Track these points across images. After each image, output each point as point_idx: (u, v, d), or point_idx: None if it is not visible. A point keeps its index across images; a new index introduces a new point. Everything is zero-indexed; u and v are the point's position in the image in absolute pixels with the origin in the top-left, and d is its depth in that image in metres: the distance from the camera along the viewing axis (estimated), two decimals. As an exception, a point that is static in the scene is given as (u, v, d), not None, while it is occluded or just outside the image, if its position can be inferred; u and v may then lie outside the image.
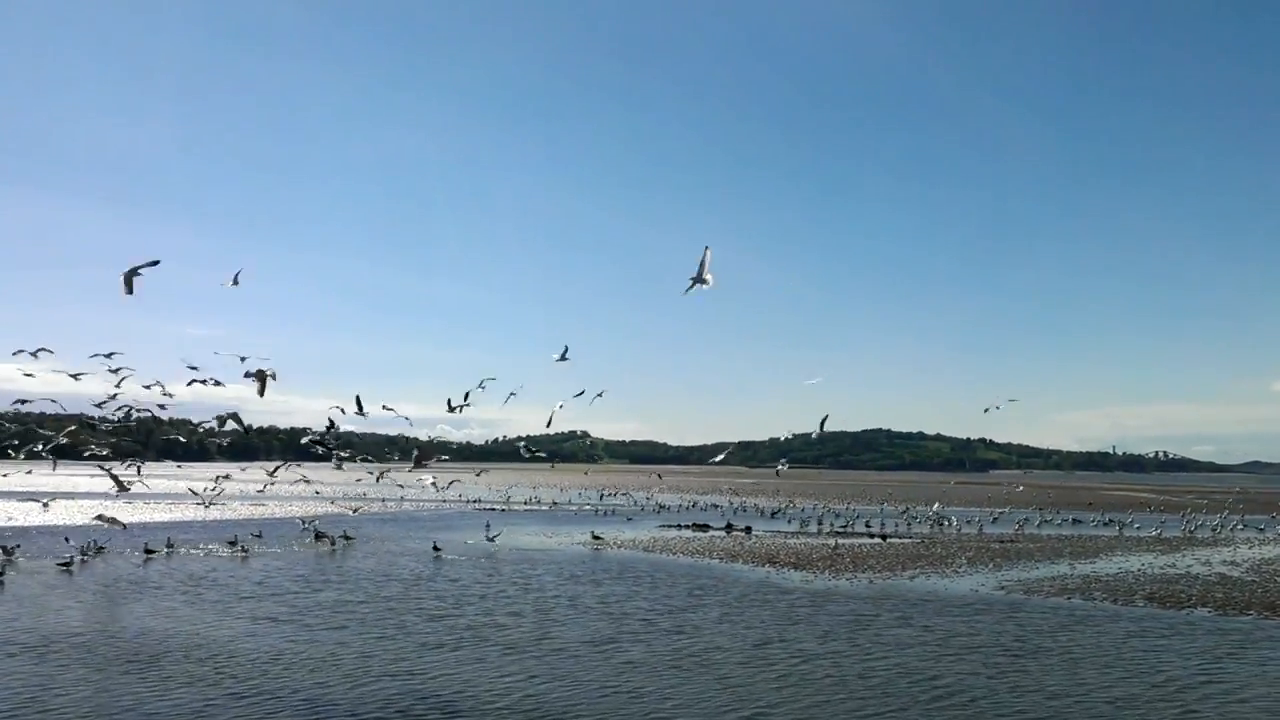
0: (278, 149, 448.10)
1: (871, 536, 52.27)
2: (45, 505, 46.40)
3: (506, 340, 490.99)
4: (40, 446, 36.42)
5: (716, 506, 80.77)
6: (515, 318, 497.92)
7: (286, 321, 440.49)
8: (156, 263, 19.82)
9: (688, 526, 58.09)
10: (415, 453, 34.42)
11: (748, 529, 55.69)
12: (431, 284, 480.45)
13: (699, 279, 18.91)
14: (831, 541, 48.00)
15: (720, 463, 79.91)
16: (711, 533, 53.76)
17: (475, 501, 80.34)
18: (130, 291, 19.47)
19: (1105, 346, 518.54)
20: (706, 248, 18.76)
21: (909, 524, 61.73)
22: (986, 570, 36.69)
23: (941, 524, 60.63)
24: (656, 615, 25.12)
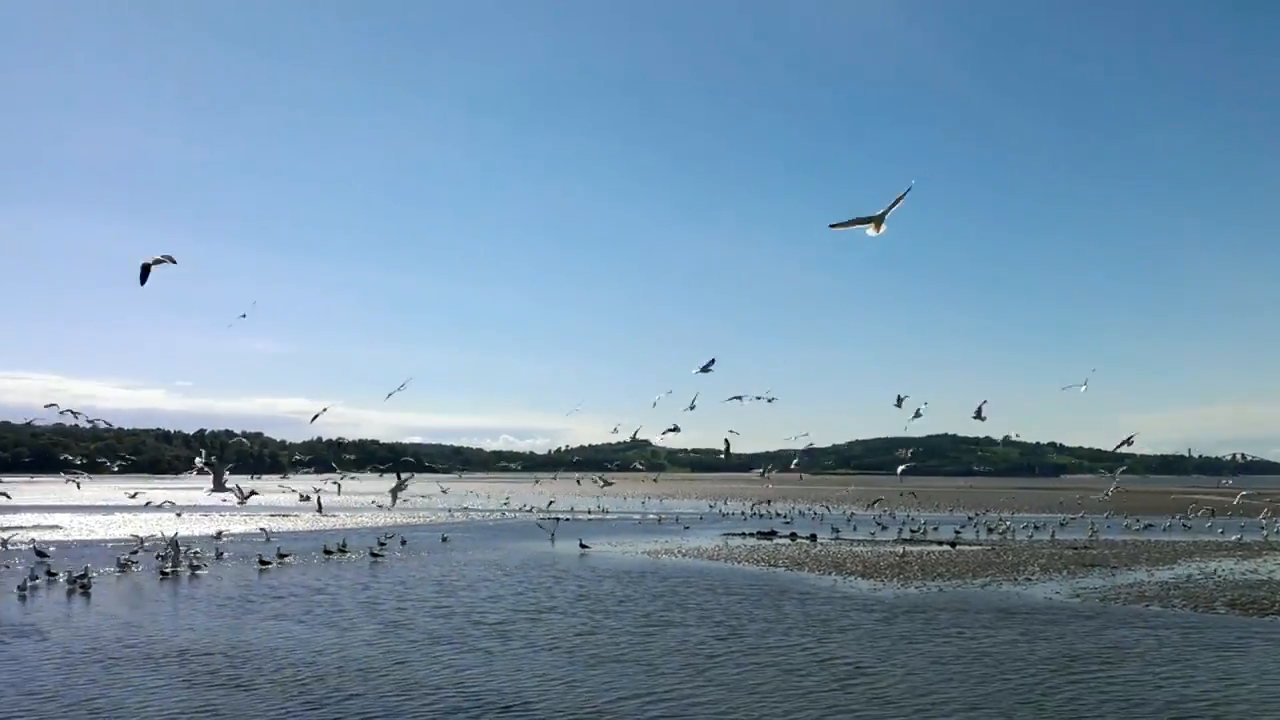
0: (321, 163, 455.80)
1: (940, 544, 51.80)
2: (179, 514, 48.19)
3: (568, 351, 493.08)
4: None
5: (779, 514, 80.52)
6: (574, 328, 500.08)
7: (351, 335, 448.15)
8: (173, 260, 20.49)
9: (752, 534, 58.12)
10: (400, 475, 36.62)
11: (813, 536, 55.57)
12: (489, 295, 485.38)
13: (879, 218, 15.05)
14: (899, 549, 47.70)
15: (783, 470, 79.47)
16: (776, 540, 53.75)
17: (536, 510, 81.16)
18: (143, 283, 20.14)
19: (1178, 347, 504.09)
20: (910, 186, 14.60)
21: (978, 531, 61.00)
22: (1060, 578, 36.22)
23: (1002, 531, 59.71)
24: (719, 625, 25.31)
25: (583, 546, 47.21)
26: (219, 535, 49.56)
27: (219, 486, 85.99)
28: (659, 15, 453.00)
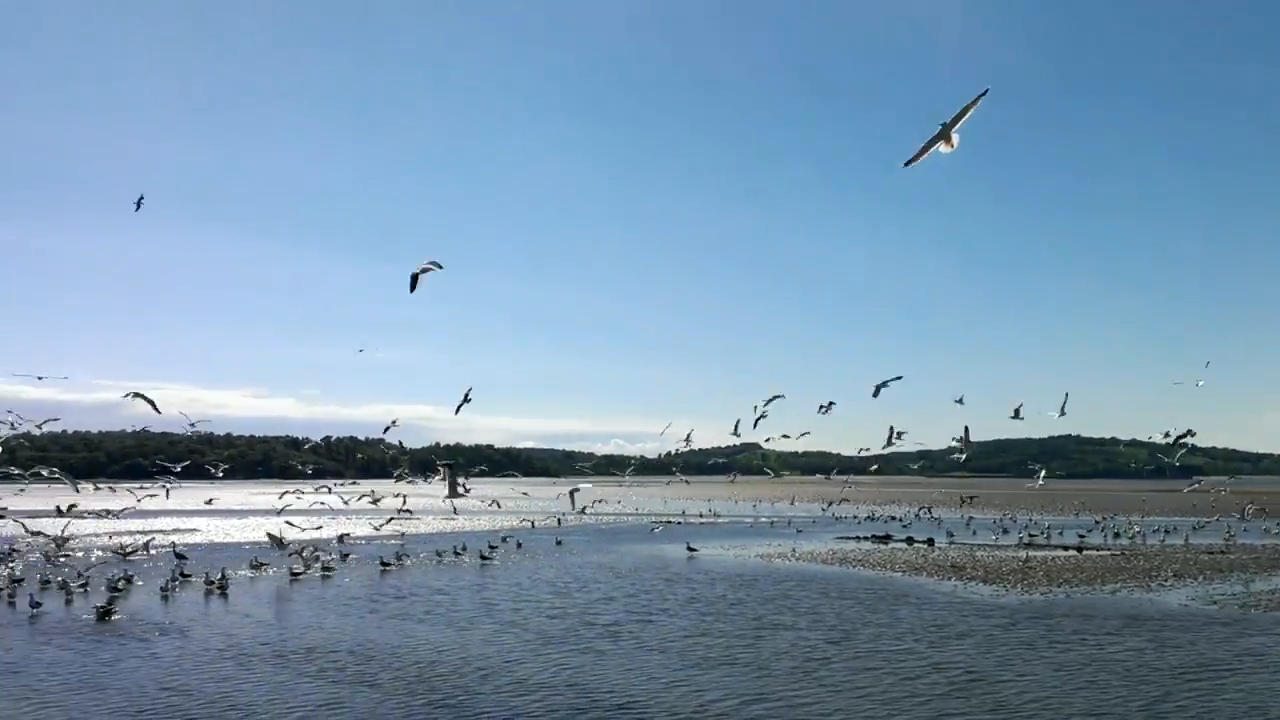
0: (440, 178, 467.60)
1: (1065, 548, 49.92)
2: (275, 517, 50.83)
3: (679, 355, 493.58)
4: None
5: (895, 518, 78.94)
6: (686, 335, 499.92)
7: (467, 343, 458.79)
8: (441, 267, 21.26)
9: (866, 538, 57.17)
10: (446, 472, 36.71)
11: (930, 541, 54.32)
12: (602, 302, 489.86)
13: (946, 133, 13.98)
14: (1022, 554, 46.19)
15: (897, 472, 77.94)
16: (892, 545, 52.76)
17: (651, 514, 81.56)
18: (413, 289, 21.02)
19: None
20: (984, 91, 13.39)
21: (1105, 535, 58.56)
22: (1195, 583, 34.50)
23: (1131, 536, 57.11)
24: (831, 629, 25.02)
25: (690, 550, 47.27)
26: (344, 538, 51.50)
27: (453, 493, 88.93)
28: (762, 15, 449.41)
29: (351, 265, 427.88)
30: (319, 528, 55.58)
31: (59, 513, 49.30)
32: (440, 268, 20.95)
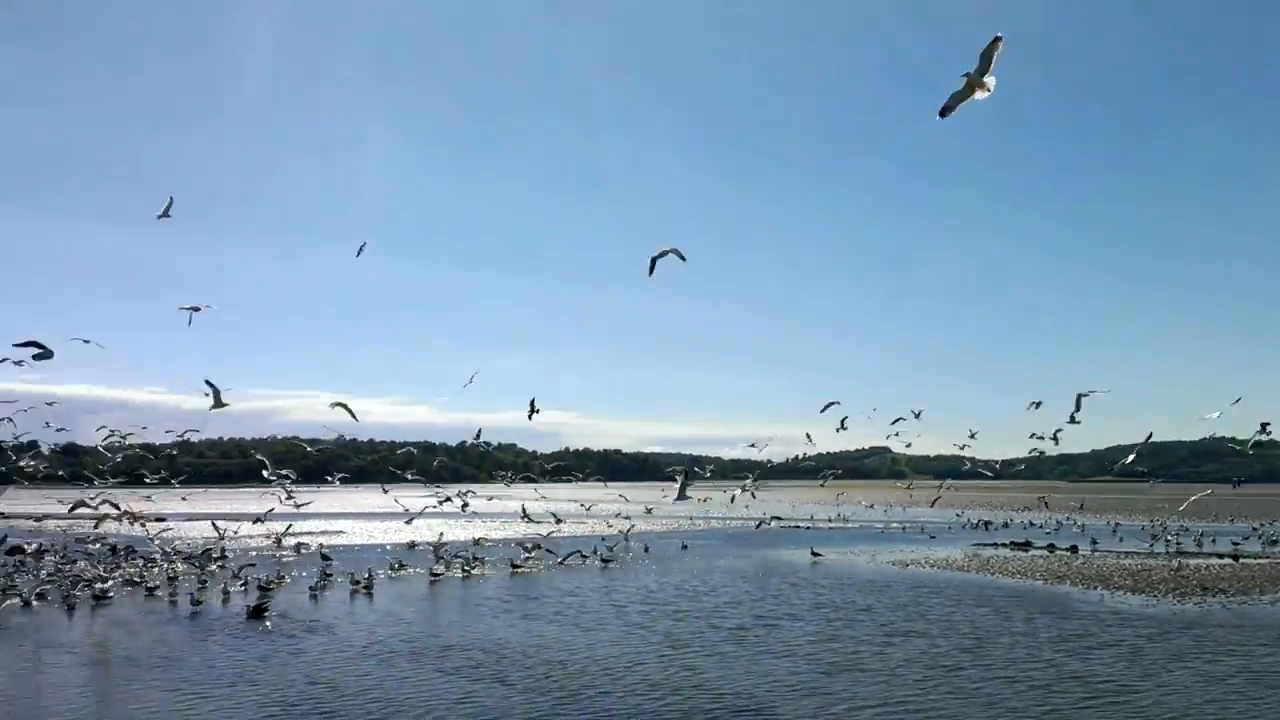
0: (569, 191, 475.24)
1: (1220, 557, 47.04)
2: (408, 522, 52.76)
3: (807, 360, 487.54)
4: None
5: (1034, 524, 75.97)
6: (812, 338, 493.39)
7: (594, 350, 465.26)
8: (684, 258, 21.26)
9: (1005, 545, 55.25)
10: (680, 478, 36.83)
11: (1073, 548, 52.07)
12: (729, 308, 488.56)
13: (978, 80, 13.50)
14: (1173, 562, 43.79)
15: (1035, 477, 74.94)
16: (1033, 551, 50.83)
17: (778, 519, 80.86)
18: (651, 274, 20.92)
19: None
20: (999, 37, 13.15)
21: (1264, 543, 54.92)
22: (1369, 596, 32.04)
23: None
24: (964, 638, 24.37)
25: (814, 555, 46.68)
26: (478, 541, 53.00)
27: (682, 495, 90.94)
28: (892, 18, 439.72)
29: (483, 279, 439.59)
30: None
31: (255, 521, 52.58)
32: (683, 259, 20.73)
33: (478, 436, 41.97)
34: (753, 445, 49.30)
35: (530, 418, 36.89)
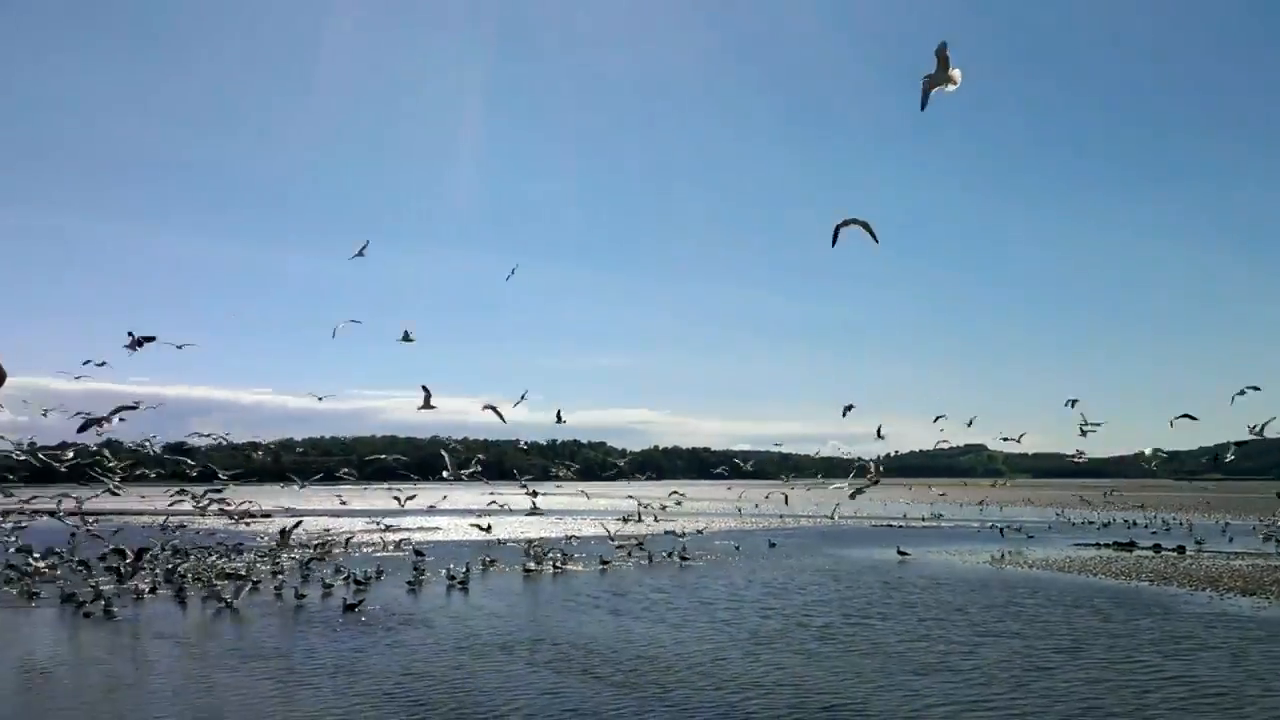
0: (659, 187, 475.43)
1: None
2: (487, 528, 53.99)
3: (899, 354, 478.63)
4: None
5: (1137, 523, 73.32)
6: (903, 331, 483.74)
7: (682, 347, 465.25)
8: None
9: (1107, 545, 53.52)
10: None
11: (1180, 548, 50.17)
12: (819, 305, 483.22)
13: (938, 80, 14.42)
14: (1288, 563, 41.86)
15: (1140, 475, 72.19)
16: (1137, 552, 49.15)
17: (871, 518, 79.86)
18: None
19: None
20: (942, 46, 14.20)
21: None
22: None
23: None
24: (1060, 639, 23.77)
25: (901, 554, 46.02)
26: (570, 538, 53.74)
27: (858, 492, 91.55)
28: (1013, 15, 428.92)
29: (573, 276, 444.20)
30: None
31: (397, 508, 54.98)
32: (874, 237, 16.32)
33: (558, 419, 41.61)
34: (881, 436, 48.23)
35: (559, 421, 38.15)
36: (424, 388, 30.84)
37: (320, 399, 47.06)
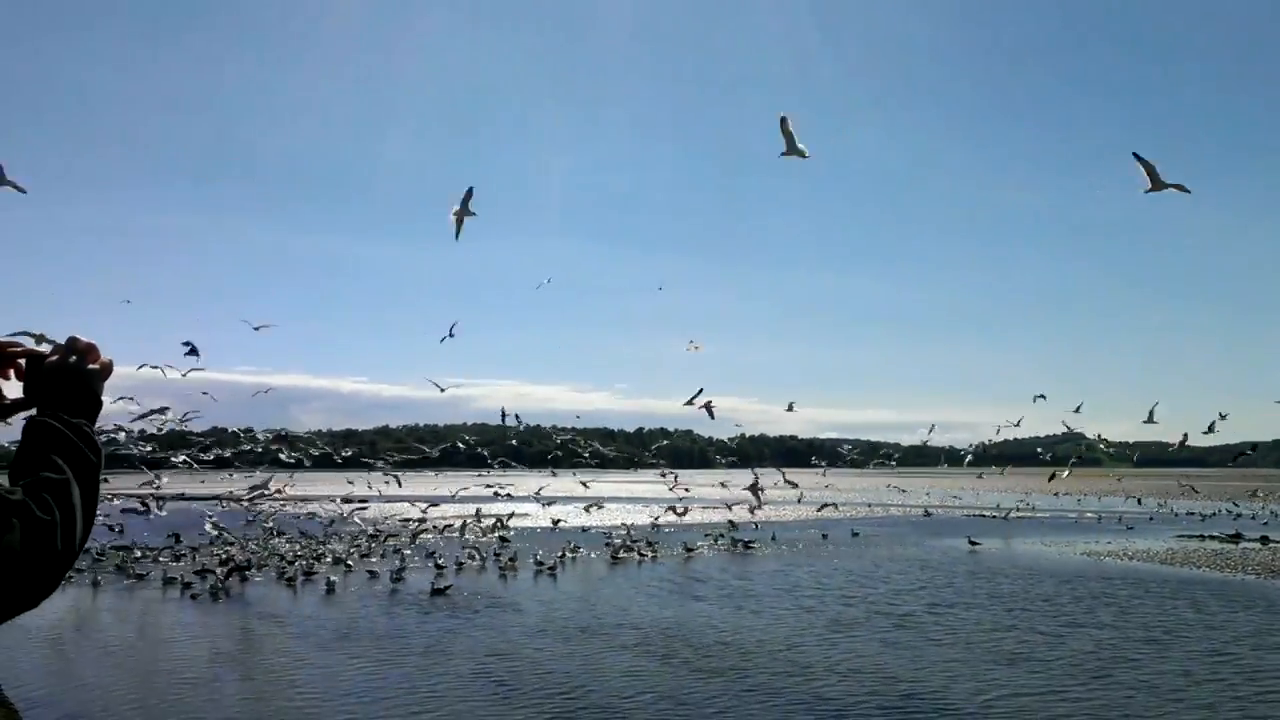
0: (744, 177, 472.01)
1: None
2: (589, 510, 54.91)
3: (993, 341, 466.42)
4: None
5: (1244, 514, 70.38)
6: (1001, 318, 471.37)
7: (764, 335, 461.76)
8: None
9: (1212, 537, 51.65)
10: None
11: (1290, 540, 48.19)
12: (905, 289, 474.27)
13: (792, 148, 17.49)
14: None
15: (1244, 465, 69.26)
16: (1243, 545, 47.36)
17: (963, 507, 78.47)
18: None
19: None
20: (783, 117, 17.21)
21: None
22: None
23: None
24: (1151, 630, 23.27)
25: (972, 544, 45.16)
26: (654, 526, 54.24)
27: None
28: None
29: (666, 265, 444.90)
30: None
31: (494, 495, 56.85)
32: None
33: (709, 414, 40.14)
34: (1016, 424, 47.31)
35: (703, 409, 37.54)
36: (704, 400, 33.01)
37: (443, 389, 48.06)
